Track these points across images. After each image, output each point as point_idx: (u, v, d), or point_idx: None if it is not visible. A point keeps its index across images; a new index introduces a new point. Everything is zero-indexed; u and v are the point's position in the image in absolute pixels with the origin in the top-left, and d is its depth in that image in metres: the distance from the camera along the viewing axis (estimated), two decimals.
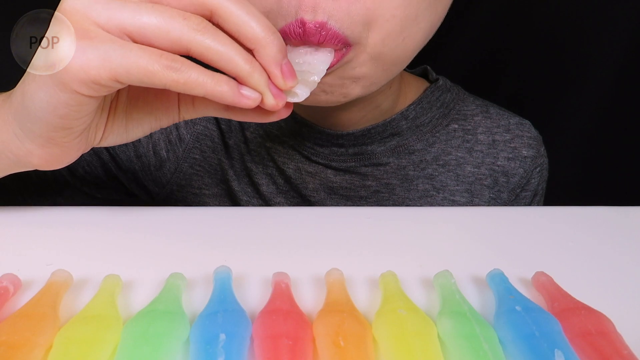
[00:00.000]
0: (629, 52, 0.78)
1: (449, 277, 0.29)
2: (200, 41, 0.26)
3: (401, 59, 0.37)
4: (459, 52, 0.81)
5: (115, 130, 0.33)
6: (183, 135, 0.50)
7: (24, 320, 0.25)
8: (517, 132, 0.52)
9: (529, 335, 0.25)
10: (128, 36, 0.26)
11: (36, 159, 0.31)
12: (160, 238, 0.35)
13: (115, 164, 0.50)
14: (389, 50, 0.35)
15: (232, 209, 0.47)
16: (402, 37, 0.34)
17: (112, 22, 0.26)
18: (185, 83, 0.26)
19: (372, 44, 0.34)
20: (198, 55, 0.27)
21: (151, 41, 0.26)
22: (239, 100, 0.28)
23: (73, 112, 0.28)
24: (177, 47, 0.26)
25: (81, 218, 0.37)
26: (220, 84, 0.27)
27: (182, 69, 0.26)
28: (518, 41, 0.80)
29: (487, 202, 0.52)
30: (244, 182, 0.51)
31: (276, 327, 0.25)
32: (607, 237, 0.37)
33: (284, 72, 0.28)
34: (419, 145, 0.50)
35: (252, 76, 0.27)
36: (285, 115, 0.31)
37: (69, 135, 0.30)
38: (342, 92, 0.37)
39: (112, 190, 0.53)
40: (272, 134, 0.50)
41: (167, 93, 0.33)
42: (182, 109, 0.33)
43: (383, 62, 0.36)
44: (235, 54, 0.27)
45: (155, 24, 0.26)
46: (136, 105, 0.33)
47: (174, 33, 0.26)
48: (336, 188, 0.50)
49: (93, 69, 0.25)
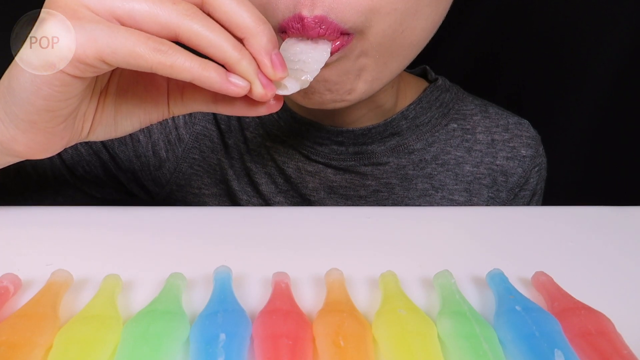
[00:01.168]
0: (629, 52, 0.78)
1: (449, 277, 0.29)
2: (189, 26, 0.26)
3: (401, 52, 0.37)
4: (458, 52, 0.81)
5: (104, 122, 0.33)
6: (182, 136, 0.50)
7: (24, 320, 0.25)
8: (516, 132, 0.52)
9: (529, 335, 0.25)
10: (117, 20, 0.26)
11: (20, 146, 0.31)
12: (160, 238, 0.35)
13: (114, 164, 0.50)
14: (388, 42, 0.35)
15: (232, 209, 0.47)
16: (401, 29, 0.35)
17: (101, 4, 0.26)
18: (171, 66, 0.26)
19: (373, 34, 0.34)
20: (186, 41, 0.27)
21: (140, 25, 0.26)
22: (227, 87, 0.27)
23: (56, 93, 0.28)
24: (166, 32, 0.26)
25: (81, 218, 0.37)
26: (207, 70, 0.27)
27: (170, 52, 0.26)
28: (517, 41, 0.80)
29: (486, 202, 0.52)
30: (243, 181, 0.51)
31: (276, 327, 0.25)
32: (607, 237, 0.37)
33: (274, 62, 0.28)
34: (419, 144, 0.50)
35: (241, 63, 0.27)
36: (276, 109, 0.31)
37: (53, 120, 0.29)
38: (346, 89, 0.37)
39: (111, 190, 0.53)
40: (272, 133, 0.50)
41: (157, 85, 0.32)
42: (172, 103, 0.33)
43: (383, 53, 0.36)
44: (224, 41, 0.27)
45: (144, 8, 0.26)
46: (125, 97, 0.33)
47: (163, 17, 0.26)
48: (336, 187, 0.50)
49: (79, 47, 0.26)
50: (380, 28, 0.34)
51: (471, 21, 0.79)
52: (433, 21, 0.37)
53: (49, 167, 0.49)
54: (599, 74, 0.80)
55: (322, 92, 0.37)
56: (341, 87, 0.36)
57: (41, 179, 0.49)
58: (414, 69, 0.55)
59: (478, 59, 0.83)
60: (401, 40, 0.36)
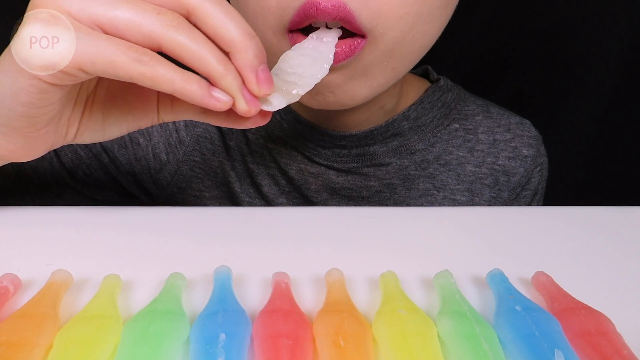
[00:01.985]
0: (630, 53, 0.78)
1: (449, 277, 0.29)
2: (173, 37, 0.25)
3: (410, 56, 0.37)
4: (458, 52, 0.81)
5: (91, 126, 0.32)
6: (183, 138, 0.50)
7: (24, 320, 0.25)
8: (518, 132, 0.52)
9: (529, 335, 0.25)
10: (99, 27, 0.26)
11: (2, 150, 0.30)
12: (160, 238, 0.35)
13: (114, 167, 0.50)
14: (399, 47, 0.35)
15: (232, 209, 0.47)
16: (412, 33, 0.34)
17: (83, 11, 0.25)
18: (152, 77, 0.26)
19: (385, 41, 0.34)
20: (169, 51, 0.26)
21: (122, 34, 0.26)
22: (209, 102, 0.27)
23: (35, 100, 0.27)
24: (149, 42, 0.26)
25: (81, 218, 0.37)
26: (189, 82, 0.26)
27: (151, 63, 0.25)
28: (517, 41, 0.80)
29: (488, 201, 0.52)
30: (245, 183, 0.51)
31: (276, 327, 0.25)
32: (607, 237, 0.37)
33: (260, 78, 0.27)
34: (421, 145, 0.50)
35: (225, 78, 0.27)
36: (262, 123, 0.31)
37: (34, 125, 0.29)
38: (349, 94, 0.37)
39: (112, 193, 0.53)
40: (275, 135, 0.50)
41: (147, 93, 0.32)
42: (161, 111, 0.32)
43: (392, 59, 0.36)
44: (209, 54, 0.26)
45: (127, 16, 0.25)
46: (114, 103, 0.32)
47: (146, 27, 0.25)
48: (338, 189, 0.50)
49: None
50: (392, 34, 0.34)
51: (471, 22, 0.79)
52: (442, 23, 0.37)
53: (49, 171, 0.49)
54: (599, 75, 0.80)
55: (326, 94, 0.37)
56: (344, 92, 0.36)
57: (42, 182, 0.49)
58: (416, 69, 0.55)
59: (479, 59, 0.83)
60: (412, 45, 0.35)
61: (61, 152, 0.48)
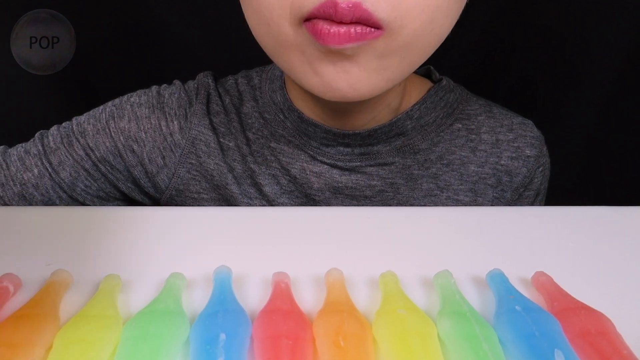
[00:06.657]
0: (630, 53, 0.78)
1: (449, 277, 0.29)
2: None
3: (427, 50, 0.37)
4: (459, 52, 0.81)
5: None
6: (178, 141, 0.50)
7: (24, 320, 0.25)
8: (520, 132, 0.52)
9: (529, 335, 0.25)
10: None
11: None
12: (160, 238, 0.35)
13: (113, 176, 0.50)
14: (418, 40, 0.35)
15: (232, 209, 0.47)
16: (431, 27, 0.35)
17: None
18: None
19: (404, 34, 0.34)
20: None
21: None
22: None
23: None
24: None
25: (81, 218, 0.37)
26: None
27: None
28: (518, 41, 0.80)
29: (491, 202, 0.52)
30: (245, 184, 0.51)
31: (276, 327, 0.25)
32: (607, 237, 0.37)
33: None
34: (424, 144, 0.50)
35: None
36: None
37: None
38: (368, 88, 0.36)
39: (117, 201, 0.53)
40: (277, 134, 0.50)
41: None
42: None
43: (410, 52, 0.36)
44: None
45: None
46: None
47: None
48: (341, 188, 0.50)
49: None
50: (412, 27, 0.34)
51: (472, 22, 0.79)
52: (456, 17, 0.37)
53: (51, 187, 0.49)
54: (599, 75, 0.80)
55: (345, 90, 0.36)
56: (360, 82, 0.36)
57: (45, 198, 0.49)
58: (418, 69, 0.55)
59: (480, 59, 0.82)
60: (430, 38, 0.35)
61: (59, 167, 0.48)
